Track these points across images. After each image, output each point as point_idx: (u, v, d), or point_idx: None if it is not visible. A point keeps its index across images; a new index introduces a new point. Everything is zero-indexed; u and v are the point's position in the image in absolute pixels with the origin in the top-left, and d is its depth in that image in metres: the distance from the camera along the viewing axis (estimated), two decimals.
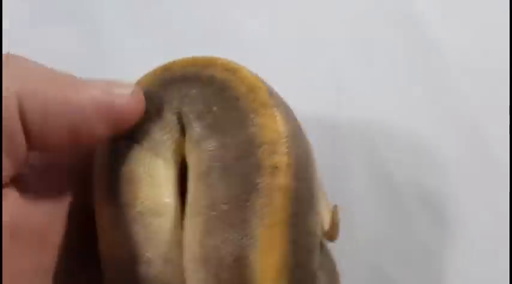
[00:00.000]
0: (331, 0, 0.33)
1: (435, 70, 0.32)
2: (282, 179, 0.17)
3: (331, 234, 0.20)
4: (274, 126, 0.18)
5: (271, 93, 0.19)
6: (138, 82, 0.20)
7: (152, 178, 0.19)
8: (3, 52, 0.18)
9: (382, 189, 0.30)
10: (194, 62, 0.20)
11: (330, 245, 0.27)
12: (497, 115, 0.31)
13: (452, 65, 0.32)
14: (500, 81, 0.32)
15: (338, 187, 0.30)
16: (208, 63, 0.20)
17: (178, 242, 0.18)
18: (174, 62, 0.21)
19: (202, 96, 0.19)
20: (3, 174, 0.17)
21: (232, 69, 0.19)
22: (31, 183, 0.19)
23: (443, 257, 0.30)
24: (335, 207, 0.20)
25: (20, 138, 0.17)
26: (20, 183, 0.18)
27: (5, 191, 0.18)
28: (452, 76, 0.32)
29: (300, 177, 0.18)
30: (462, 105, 0.32)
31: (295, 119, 0.20)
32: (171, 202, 0.19)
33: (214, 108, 0.19)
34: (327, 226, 0.20)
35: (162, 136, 0.19)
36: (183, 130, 0.19)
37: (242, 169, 0.17)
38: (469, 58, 0.32)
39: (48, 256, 0.19)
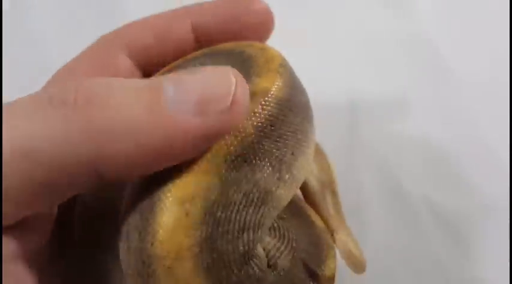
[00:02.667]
0: (343, 23, 0.35)
1: (444, 85, 0.34)
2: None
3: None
4: (269, 83, 0.18)
5: (286, 68, 0.19)
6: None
7: None
8: None
9: (393, 200, 0.32)
10: (237, 44, 0.21)
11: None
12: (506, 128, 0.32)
13: (459, 80, 0.34)
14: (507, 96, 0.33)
15: (350, 199, 0.31)
16: (249, 44, 0.21)
17: None
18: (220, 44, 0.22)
19: (224, 62, 0.20)
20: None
21: (263, 48, 0.20)
22: None
23: (453, 267, 0.31)
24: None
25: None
26: None
27: None
28: (462, 93, 0.34)
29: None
30: (472, 118, 0.33)
31: (301, 93, 0.20)
32: None
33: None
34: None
35: None
36: None
37: None
38: (475, 73, 0.34)
39: (30, 242, 0.18)
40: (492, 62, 0.34)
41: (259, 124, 0.17)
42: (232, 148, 0.16)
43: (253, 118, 0.17)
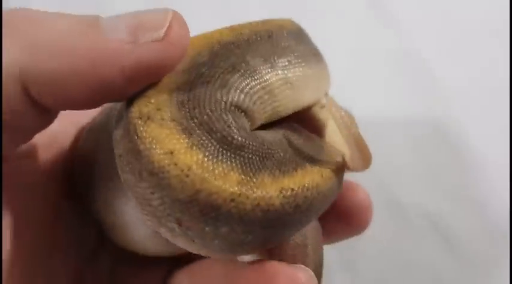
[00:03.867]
0: (337, 38, 0.36)
1: (434, 100, 0.36)
2: None
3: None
4: None
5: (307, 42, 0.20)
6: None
7: None
8: None
9: (391, 211, 0.34)
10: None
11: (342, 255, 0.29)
12: (497, 140, 0.35)
13: (450, 96, 0.36)
14: (499, 110, 0.35)
15: None
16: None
17: None
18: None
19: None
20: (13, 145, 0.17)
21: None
22: None
23: (447, 274, 0.32)
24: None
25: (30, 114, 0.16)
26: None
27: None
28: (450, 106, 0.36)
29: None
30: (462, 133, 0.35)
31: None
32: None
33: None
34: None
35: None
36: None
37: None
38: (465, 90, 0.36)
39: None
40: (482, 76, 0.36)
41: None
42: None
43: None
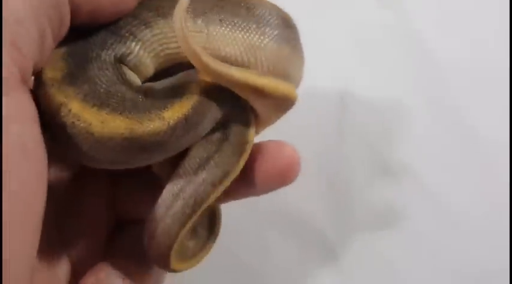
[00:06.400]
0: (338, 15, 0.38)
1: (432, 80, 0.37)
2: None
3: None
4: None
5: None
6: None
7: None
8: None
9: (381, 180, 0.35)
10: None
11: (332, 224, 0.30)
12: (492, 117, 0.36)
13: (448, 75, 0.37)
14: (495, 88, 0.36)
15: (340, 177, 0.35)
16: None
17: None
18: None
19: None
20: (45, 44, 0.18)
21: None
22: None
23: (436, 237, 0.34)
24: None
25: (65, 10, 0.18)
26: None
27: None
28: (448, 85, 0.37)
29: None
30: (457, 110, 0.36)
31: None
32: None
33: None
34: None
35: None
36: None
37: None
38: (465, 70, 0.37)
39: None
40: (481, 57, 0.37)
41: None
42: None
43: None
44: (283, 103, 0.22)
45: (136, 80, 0.21)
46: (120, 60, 0.21)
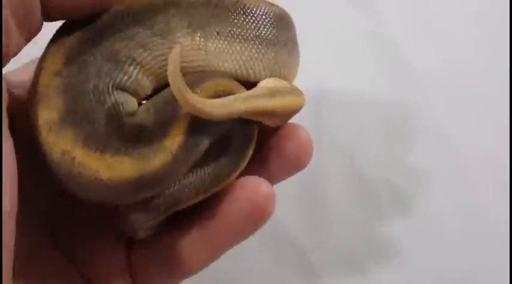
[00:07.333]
0: (315, 22, 0.37)
1: (406, 84, 0.37)
2: None
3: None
4: None
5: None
6: None
7: None
8: None
9: (357, 188, 0.35)
10: None
11: (307, 234, 0.30)
12: (463, 122, 0.36)
13: (421, 77, 0.37)
14: (469, 91, 0.36)
15: (317, 188, 0.35)
16: None
17: None
18: None
19: None
20: (14, 43, 0.18)
21: None
22: None
23: (411, 246, 0.34)
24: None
25: (36, 8, 0.18)
26: None
27: None
28: (421, 88, 0.37)
29: None
30: (431, 115, 0.36)
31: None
32: None
33: None
34: None
35: None
36: None
37: None
38: (438, 71, 0.37)
39: None
40: (453, 59, 0.37)
41: None
42: None
43: None
44: (292, 114, 0.22)
45: (133, 104, 0.20)
46: (118, 86, 0.20)
